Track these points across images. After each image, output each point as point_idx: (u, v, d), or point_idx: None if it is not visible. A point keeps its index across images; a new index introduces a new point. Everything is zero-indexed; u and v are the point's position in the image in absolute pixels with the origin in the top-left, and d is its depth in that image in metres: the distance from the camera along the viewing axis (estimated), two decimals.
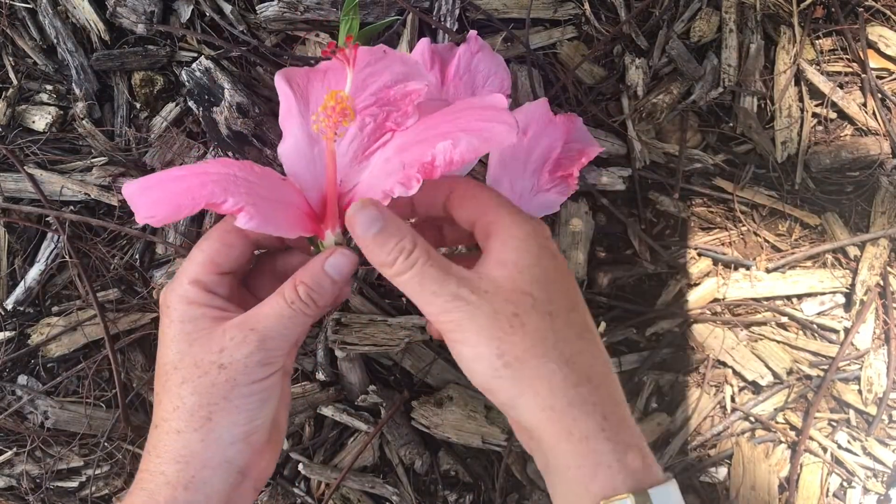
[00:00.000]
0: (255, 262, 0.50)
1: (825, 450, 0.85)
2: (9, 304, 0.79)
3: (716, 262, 0.86)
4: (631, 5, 0.85)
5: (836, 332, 0.86)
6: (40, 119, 0.80)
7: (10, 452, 0.78)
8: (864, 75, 0.89)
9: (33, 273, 0.80)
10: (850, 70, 0.90)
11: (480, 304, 0.41)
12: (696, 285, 0.85)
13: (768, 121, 0.88)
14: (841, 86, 0.89)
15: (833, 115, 0.89)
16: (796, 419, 0.85)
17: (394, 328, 0.78)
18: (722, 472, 0.84)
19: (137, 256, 0.80)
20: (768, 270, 0.86)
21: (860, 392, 0.86)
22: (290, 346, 0.44)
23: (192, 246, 0.46)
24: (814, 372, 0.85)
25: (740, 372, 0.84)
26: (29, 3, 0.81)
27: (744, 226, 0.87)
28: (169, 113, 0.80)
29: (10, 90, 0.80)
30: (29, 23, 0.81)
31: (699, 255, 0.86)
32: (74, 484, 0.79)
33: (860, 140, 0.89)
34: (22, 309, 0.80)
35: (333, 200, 0.48)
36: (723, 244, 0.86)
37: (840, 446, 0.86)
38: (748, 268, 0.86)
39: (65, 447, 0.78)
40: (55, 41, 0.80)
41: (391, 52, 0.49)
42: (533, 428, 0.41)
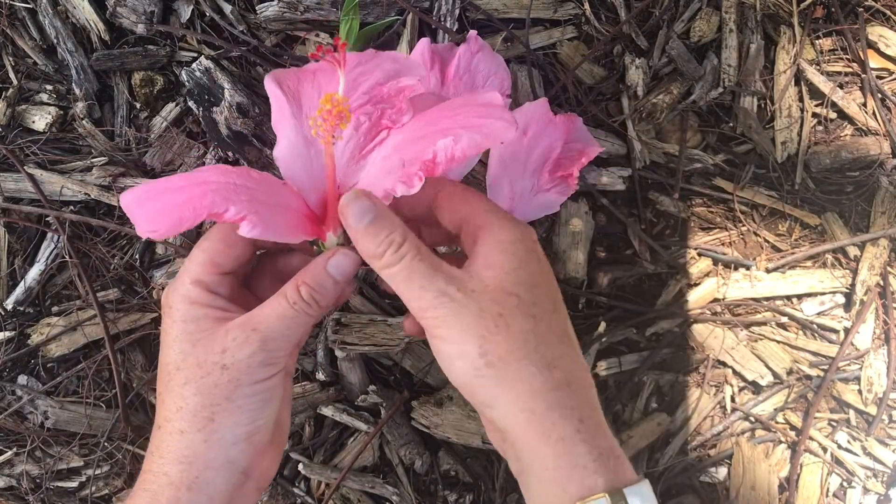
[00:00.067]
0: (256, 262, 0.50)
1: (825, 450, 0.85)
2: (9, 304, 0.79)
3: (716, 262, 0.86)
4: (631, 5, 0.85)
5: (836, 332, 0.87)
6: (40, 119, 0.80)
7: (10, 452, 0.78)
8: (864, 75, 0.90)
9: (33, 273, 0.80)
10: (850, 70, 0.90)
11: (467, 303, 0.41)
12: (696, 285, 0.85)
13: (768, 121, 0.88)
14: (841, 86, 0.89)
15: (833, 115, 0.90)
16: (796, 419, 0.85)
17: (394, 328, 0.78)
18: (722, 472, 0.84)
19: (137, 256, 0.80)
20: (768, 270, 0.86)
21: (860, 392, 0.86)
22: (292, 346, 0.45)
23: (193, 246, 0.46)
24: (814, 372, 0.86)
25: (740, 372, 0.85)
26: (29, 3, 0.81)
27: (744, 226, 0.87)
28: (169, 113, 0.80)
29: (10, 90, 0.80)
30: (29, 23, 0.81)
31: (699, 255, 0.86)
32: (74, 484, 0.79)
33: (860, 140, 0.89)
34: (22, 309, 0.80)
35: (334, 202, 0.48)
36: (723, 244, 0.86)
37: (840, 446, 0.86)
38: (748, 268, 0.86)
39: (65, 447, 0.78)
40: (55, 41, 0.80)
41: (381, 53, 0.49)
42: (510, 429, 0.41)
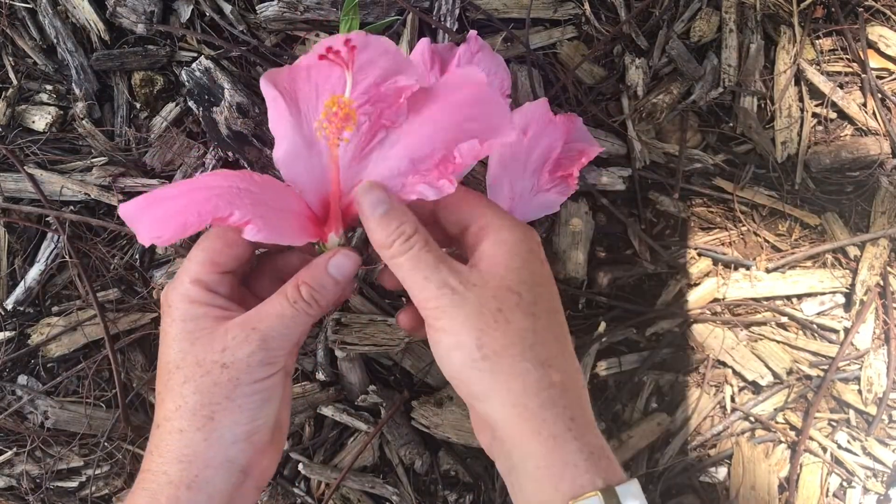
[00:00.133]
0: (255, 261, 0.50)
1: (825, 450, 0.85)
2: (9, 304, 0.79)
3: (716, 262, 0.86)
4: (631, 5, 0.85)
5: (836, 332, 0.86)
6: (40, 119, 0.80)
7: (10, 452, 0.78)
8: (864, 75, 0.90)
9: (33, 273, 0.80)
10: (850, 70, 0.90)
11: (468, 296, 0.42)
12: (696, 285, 0.85)
13: (768, 121, 0.88)
14: (841, 86, 0.89)
15: (833, 115, 0.89)
16: (796, 419, 0.85)
17: (394, 328, 0.78)
18: (722, 472, 0.84)
19: (137, 256, 0.80)
20: (768, 270, 0.86)
21: (860, 392, 0.86)
22: (291, 345, 0.45)
23: (192, 245, 0.46)
24: (814, 372, 0.86)
25: (740, 372, 0.84)
26: (29, 3, 0.81)
27: (744, 226, 0.87)
28: (169, 113, 0.80)
29: (10, 90, 0.80)
30: (29, 23, 0.81)
31: (699, 255, 0.86)
32: (74, 484, 0.79)
33: (860, 140, 0.89)
34: (22, 309, 0.80)
35: (336, 203, 0.48)
36: (723, 244, 0.86)
37: (840, 446, 0.86)
38: (748, 268, 0.86)
39: (65, 447, 0.78)
40: (55, 41, 0.80)
41: (372, 41, 0.48)
42: (500, 423, 0.42)
